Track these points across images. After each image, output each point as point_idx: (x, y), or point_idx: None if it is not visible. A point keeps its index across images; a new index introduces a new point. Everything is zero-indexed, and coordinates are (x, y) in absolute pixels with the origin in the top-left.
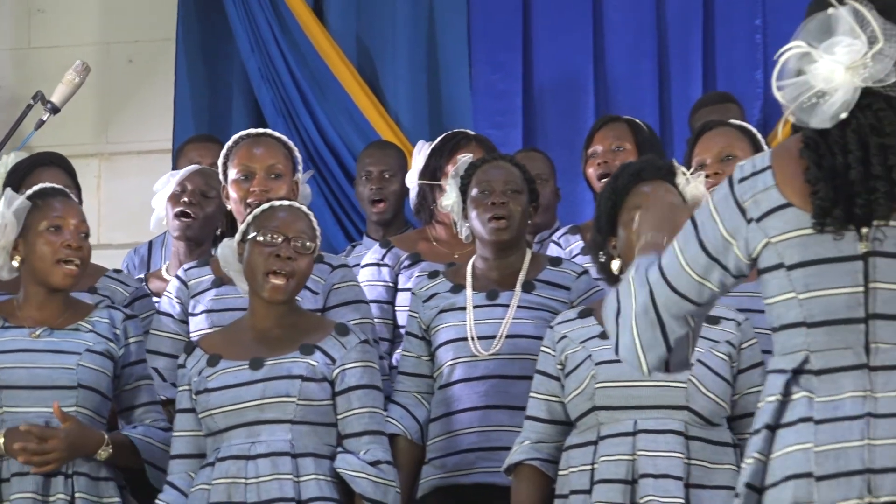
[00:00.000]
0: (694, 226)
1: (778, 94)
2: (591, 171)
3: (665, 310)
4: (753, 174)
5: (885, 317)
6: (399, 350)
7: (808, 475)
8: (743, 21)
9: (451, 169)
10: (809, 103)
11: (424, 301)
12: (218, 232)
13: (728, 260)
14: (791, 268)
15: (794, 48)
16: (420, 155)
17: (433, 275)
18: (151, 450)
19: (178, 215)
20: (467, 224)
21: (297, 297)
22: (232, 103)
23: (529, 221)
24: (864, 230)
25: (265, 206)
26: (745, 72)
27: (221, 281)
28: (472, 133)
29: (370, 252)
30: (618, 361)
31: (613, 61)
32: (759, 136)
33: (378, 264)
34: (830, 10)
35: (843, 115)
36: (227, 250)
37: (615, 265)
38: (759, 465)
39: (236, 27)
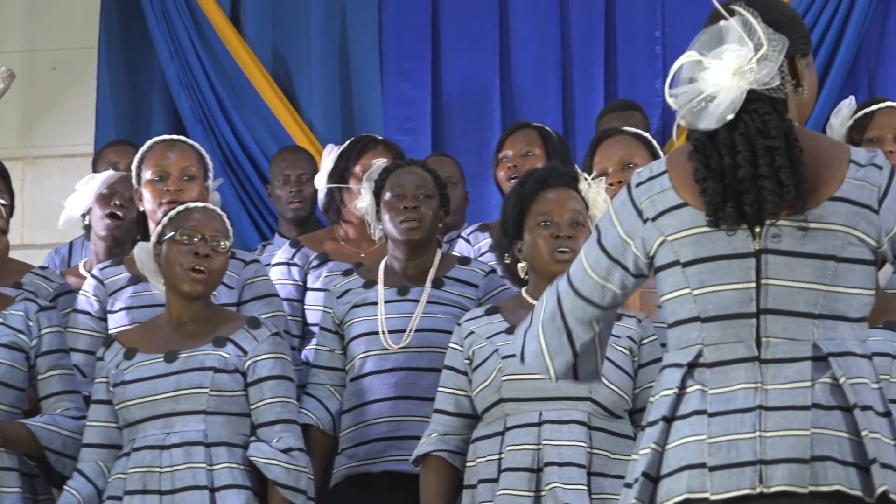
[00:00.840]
0: (597, 231)
1: (671, 101)
2: (502, 174)
3: (571, 315)
4: (650, 178)
5: (776, 312)
6: (309, 345)
7: (702, 466)
8: (643, 33)
9: (358, 171)
10: (699, 107)
11: (338, 297)
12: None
13: (627, 260)
14: (686, 265)
15: (686, 58)
16: (329, 158)
17: (347, 272)
18: (51, 437)
19: (109, 216)
20: (380, 225)
21: (213, 293)
22: (152, 109)
23: (440, 224)
24: (757, 229)
25: (180, 207)
26: (646, 81)
27: (138, 279)
28: (380, 137)
29: (280, 252)
30: None
31: (519, 71)
32: (656, 144)
33: (288, 264)
34: (722, 22)
35: (730, 117)
36: (142, 252)
37: (521, 267)
38: (655, 456)
39: (156, 36)
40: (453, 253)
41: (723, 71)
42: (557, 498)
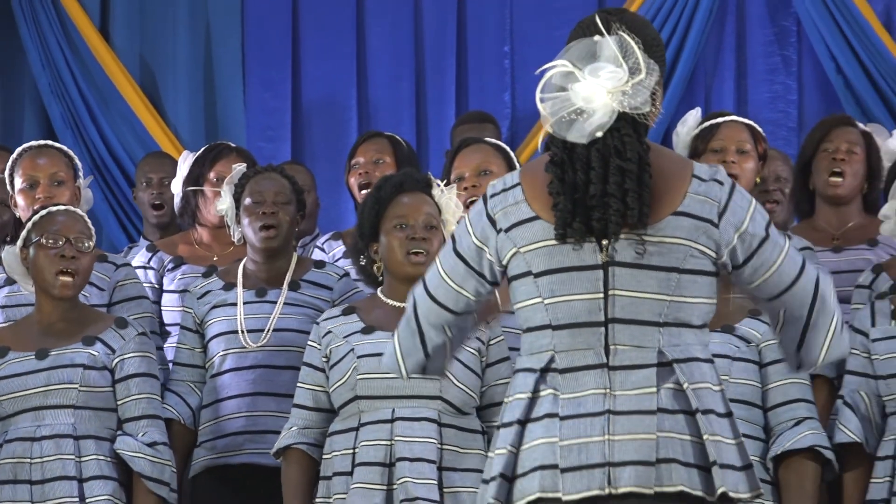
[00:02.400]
0: (452, 240)
1: (540, 106)
2: (353, 181)
3: (425, 319)
4: (504, 190)
5: (623, 321)
6: (166, 344)
7: (554, 467)
8: (492, 48)
9: (212, 177)
10: (568, 118)
11: (198, 298)
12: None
13: (484, 267)
14: (538, 275)
15: (559, 66)
16: (185, 164)
17: (207, 274)
18: None
19: None
20: (240, 228)
21: (85, 294)
22: (24, 116)
23: (297, 228)
24: (604, 242)
25: (43, 212)
26: (495, 94)
27: (11, 279)
28: (233, 145)
29: (137, 255)
30: (380, 355)
31: (374, 83)
32: (511, 153)
33: (144, 267)
34: (597, 38)
35: (599, 134)
36: (10, 256)
37: (376, 268)
38: (510, 457)
39: (28, 46)
40: (308, 257)
41: (597, 89)
42: (408, 491)
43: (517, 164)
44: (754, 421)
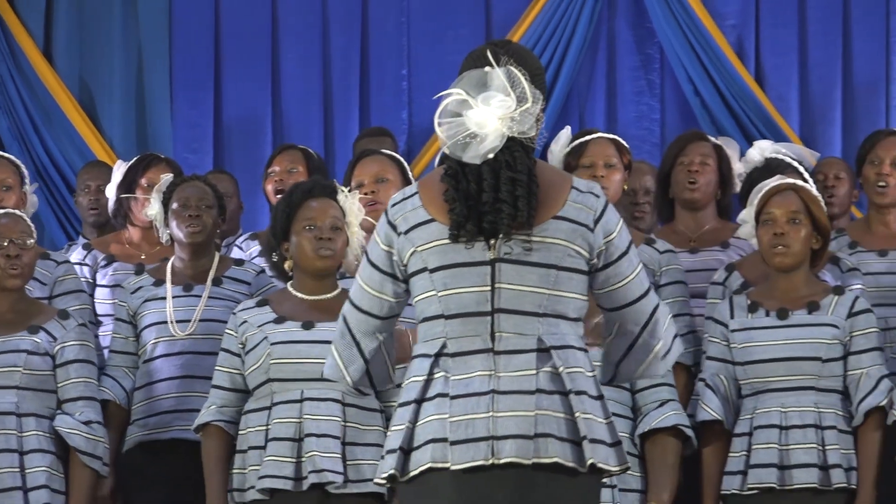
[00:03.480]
0: (366, 253)
1: (438, 130)
2: (270, 187)
3: (357, 329)
4: (403, 199)
5: (507, 311)
6: (100, 332)
7: (444, 440)
8: (392, 71)
9: (144, 183)
10: (463, 141)
11: (132, 292)
12: None
13: (394, 269)
14: (433, 271)
15: (454, 94)
16: (118, 172)
17: (138, 271)
18: None
19: None
20: (167, 230)
21: (28, 287)
22: None
23: (218, 230)
24: (492, 241)
25: None
26: (393, 112)
27: None
28: (162, 155)
29: (74, 253)
30: (290, 342)
31: (287, 102)
32: (405, 164)
33: (80, 264)
34: (487, 69)
35: (490, 156)
36: None
37: (287, 265)
38: (407, 432)
39: None
40: (229, 256)
41: (489, 115)
42: (315, 464)
43: (410, 174)
44: (623, 402)
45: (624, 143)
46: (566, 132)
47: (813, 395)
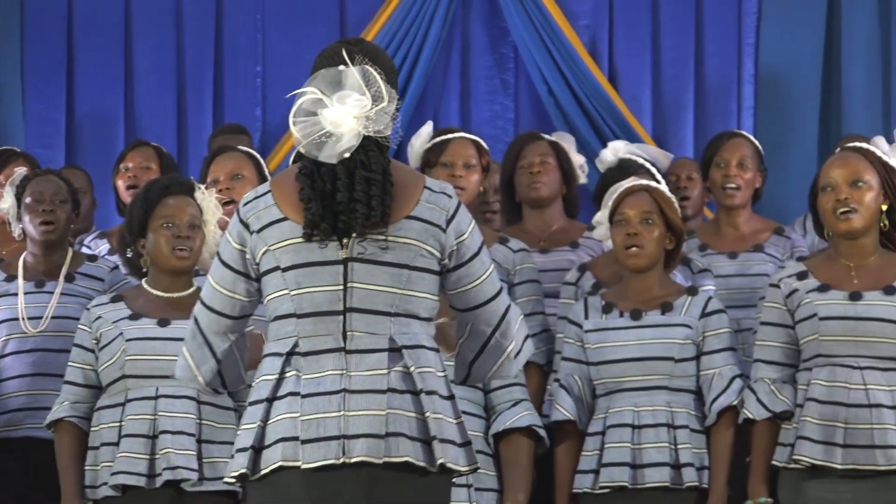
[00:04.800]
0: (218, 255)
1: (293, 129)
2: (121, 183)
3: (208, 330)
4: (256, 198)
5: (359, 310)
6: None
7: (295, 439)
8: (246, 68)
9: (0, 178)
10: (319, 140)
11: None
12: None
13: (247, 268)
14: (285, 269)
15: (308, 93)
16: None
17: None
18: None
19: None
20: (20, 225)
21: None
22: None
23: (72, 226)
24: (346, 240)
25: None
26: (248, 109)
27: None
28: (19, 150)
29: None
30: (145, 339)
31: (140, 98)
32: (262, 160)
33: None
34: (342, 68)
35: (346, 155)
36: None
37: (143, 262)
38: (258, 430)
39: None
40: (83, 251)
41: (344, 115)
42: (170, 461)
43: (266, 170)
44: (476, 401)
45: (484, 144)
46: (428, 128)
47: (665, 395)
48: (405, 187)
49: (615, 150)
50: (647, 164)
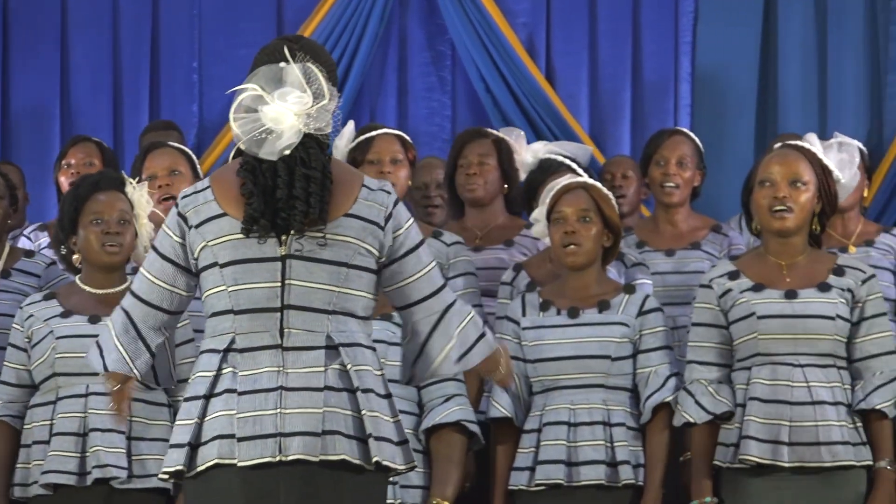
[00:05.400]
0: (154, 249)
1: (233, 125)
2: (64, 180)
3: (142, 323)
4: (195, 193)
5: (297, 307)
6: None
7: (232, 436)
8: (182, 64)
9: None
10: (259, 137)
11: None
12: None
13: (188, 262)
14: (223, 266)
15: (249, 90)
16: None
17: None
18: None
19: None
20: None
21: None
22: None
23: (9, 221)
24: (284, 237)
25: None
26: (184, 105)
27: None
28: None
29: None
30: (76, 336)
31: (76, 94)
32: (194, 157)
33: None
34: (283, 64)
35: (287, 152)
36: None
37: (75, 258)
38: (195, 427)
39: None
40: (19, 247)
41: (285, 112)
42: (100, 459)
43: (199, 167)
44: (409, 398)
45: (408, 138)
46: (350, 127)
47: (602, 393)
48: (344, 185)
49: (534, 152)
50: (568, 161)
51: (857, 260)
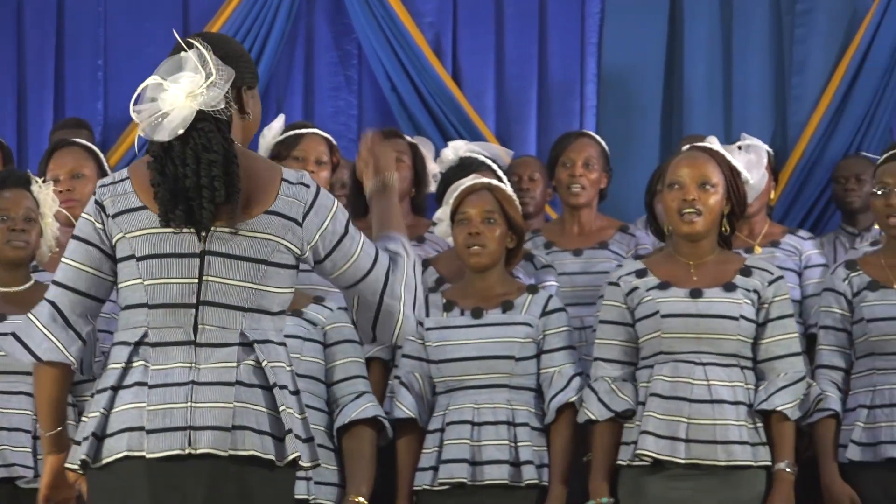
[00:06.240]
0: (76, 237)
1: (134, 116)
2: None
3: (71, 312)
4: (113, 183)
5: (212, 304)
6: None
7: (141, 429)
8: (87, 61)
9: None
10: (156, 122)
11: None
12: None
13: (111, 248)
14: (140, 259)
15: (150, 80)
16: None
17: None
18: None
19: None
20: None
21: None
22: None
23: None
24: (203, 233)
25: None
26: (89, 102)
27: None
28: None
29: None
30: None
31: None
32: (101, 155)
33: None
34: (182, 53)
35: (181, 131)
36: None
37: None
38: (102, 419)
39: None
40: None
41: (178, 93)
42: (6, 458)
43: (107, 165)
44: (319, 395)
45: (334, 141)
46: (280, 121)
47: (506, 393)
48: (262, 180)
49: (456, 149)
50: (489, 162)
51: (765, 261)
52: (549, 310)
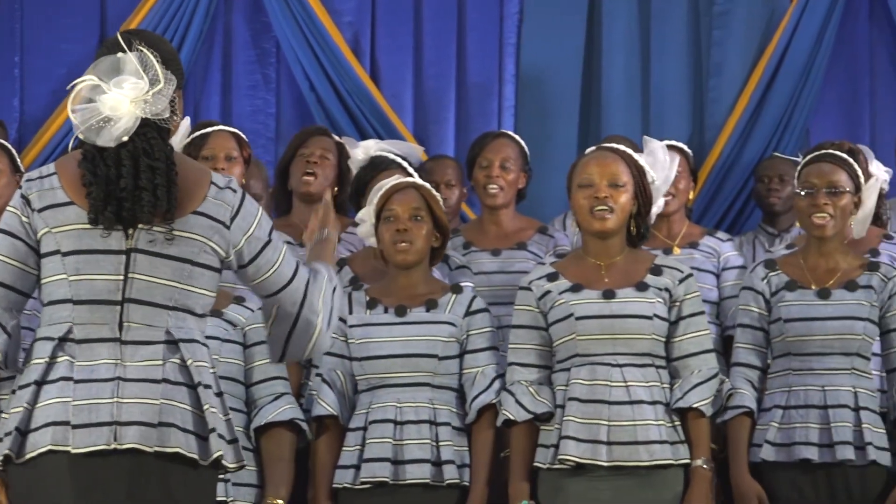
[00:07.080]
0: (3, 231)
1: (72, 116)
2: None
3: None
4: (40, 177)
5: (138, 302)
6: None
7: (66, 423)
8: (4, 58)
9: None
10: (97, 126)
11: None
12: None
13: (36, 242)
14: (66, 254)
15: (87, 80)
16: None
17: None
18: None
19: None
20: None
21: None
22: None
23: None
24: (131, 231)
25: None
26: (5, 99)
27: None
28: None
29: None
30: None
31: None
32: (15, 153)
33: None
34: (120, 54)
35: (125, 139)
36: None
37: None
38: (25, 413)
39: None
40: None
41: (121, 98)
42: None
43: (20, 163)
44: (238, 395)
45: (244, 137)
46: (185, 123)
47: (429, 392)
48: (192, 182)
49: (366, 149)
50: (399, 160)
51: (675, 260)
52: (472, 310)
